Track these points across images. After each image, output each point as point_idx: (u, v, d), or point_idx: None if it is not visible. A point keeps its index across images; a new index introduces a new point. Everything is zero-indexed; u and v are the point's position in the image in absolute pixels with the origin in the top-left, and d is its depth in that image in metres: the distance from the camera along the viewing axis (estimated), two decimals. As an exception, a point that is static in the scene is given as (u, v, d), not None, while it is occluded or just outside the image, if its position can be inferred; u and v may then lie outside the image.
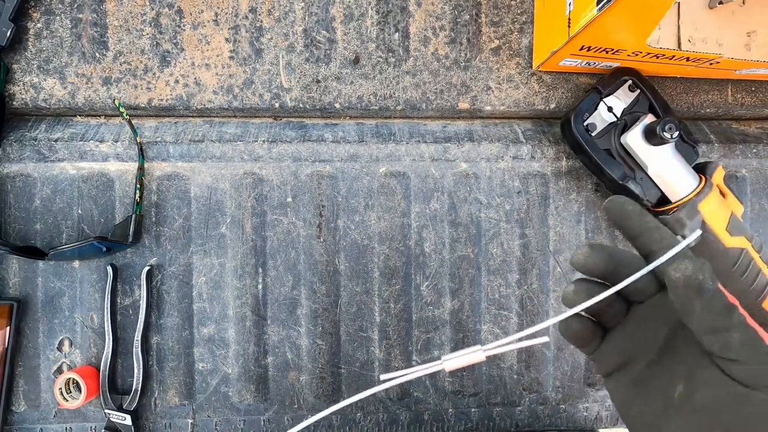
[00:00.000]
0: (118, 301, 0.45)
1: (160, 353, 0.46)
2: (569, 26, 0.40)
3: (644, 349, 0.28)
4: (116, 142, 0.45)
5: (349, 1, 0.46)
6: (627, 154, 0.45)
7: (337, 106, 0.47)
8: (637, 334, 0.28)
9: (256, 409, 0.46)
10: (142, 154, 0.44)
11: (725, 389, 0.24)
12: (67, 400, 0.43)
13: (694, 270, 0.23)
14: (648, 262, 0.26)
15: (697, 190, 0.43)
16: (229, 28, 0.46)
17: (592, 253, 0.27)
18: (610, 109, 0.45)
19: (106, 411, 0.44)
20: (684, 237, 0.43)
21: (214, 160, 0.46)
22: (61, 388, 0.43)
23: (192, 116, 0.48)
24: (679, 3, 0.45)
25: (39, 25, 0.44)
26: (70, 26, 0.45)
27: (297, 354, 0.47)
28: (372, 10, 0.47)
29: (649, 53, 0.41)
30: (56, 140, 0.45)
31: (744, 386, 0.24)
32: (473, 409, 0.48)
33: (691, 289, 0.24)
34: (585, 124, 0.45)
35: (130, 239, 0.43)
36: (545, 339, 0.26)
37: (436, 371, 0.26)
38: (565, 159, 0.49)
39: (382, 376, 0.26)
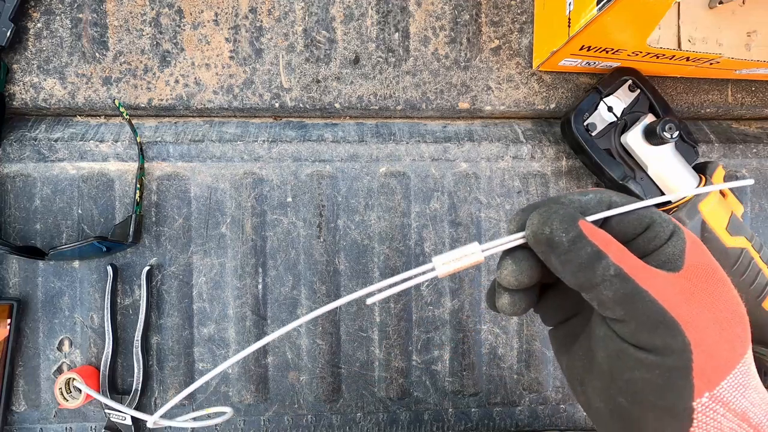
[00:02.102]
0: (118, 301, 0.45)
1: (160, 353, 0.46)
2: (569, 26, 0.40)
3: (580, 305, 0.26)
4: (116, 142, 0.45)
5: (349, 1, 0.46)
6: (627, 154, 0.45)
7: (337, 106, 0.47)
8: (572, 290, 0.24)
9: (256, 409, 0.46)
10: (142, 154, 0.44)
11: (617, 349, 0.22)
12: (67, 400, 0.43)
13: (540, 224, 0.21)
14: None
15: (697, 190, 0.43)
16: (229, 28, 0.46)
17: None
18: (610, 108, 0.45)
19: (106, 411, 0.44)
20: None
21: (214, 160, 0.46)
22: (61, 388, 0.43)
23: (192, 116, 0.48)
24: (679, 3, 0.45)
25: (39, 25, 0.44)
26: (70, 26, 0.45)
27: (297, 354, 0.47)
28: (372, 10, 0.47)
29: (649, 53, 0.41)
30: (56, 140, 0.45)
31: (633, 346, 0.21)
32: (473, 409, 0.48)
33: (541, 245, 0.22)
34: (585, 123, 0.45)
35: (130, 239, 0.43)
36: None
37: (430, 278, 0.23)
38: (565, 159, 0.49)
39: (369, 301, 0.23)
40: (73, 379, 0.43)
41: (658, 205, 0.44)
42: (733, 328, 0.21)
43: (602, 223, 0.24)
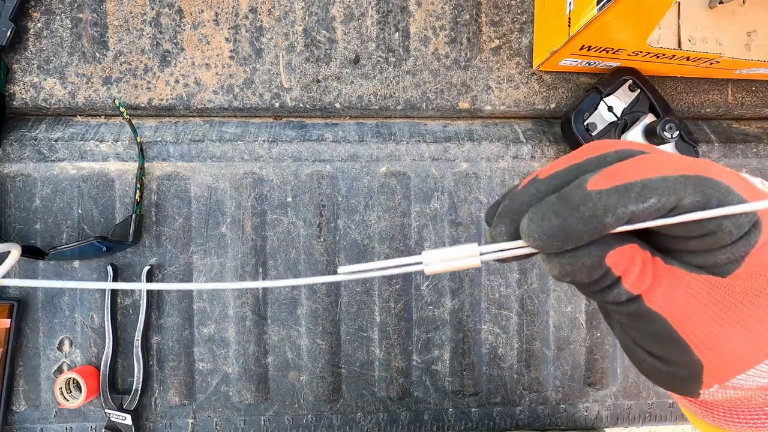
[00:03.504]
0: (119, 300, 0.45)
1: (161, 353, 0.46)
2: (569, 26, 0.40)
3: None
4: (116, 141, 0.45)
5: (349, 1, 0.46)
6: (627, 153, 0.45)
7: (338, 105, 0.47)
8: None
9: (256, 408, 0.46)
10: (142, 154, 0.44)
11: (628, 343, 0.22)
12: (67, 400, 0.43)
13: (562, 275, 0.19)
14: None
15: (698, 190, 0.43)
16: (229, 28, 0.46)
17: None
18: (610, 108, 0.45)
19: (107, 411, 0.44)
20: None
21: (214, 160, 0.46)
22: (61, 388, 0.43)
23: (192, 116, 0.48)
24: (679, 3, 0.45)
25: (39, 24, 0.44)
26: (70, 26, 0.45)
27: (297, 354, 0.47)
28: (372, 9, 0.47)
29: (649, 53, 0.41)
30: (56, 140, 0.45)
31: (641, 348, 0.21)
32: (473, 409, 0.48)
33: (561, 279, 0.20)
34: (585, 123, 0.45)
35: (130, 239, 0.43)
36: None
37: (416, 271, 0.22)
38: (565, 159, 0.48)
39: (340, 269, 0.21)
40: (74, 378, 0.43)
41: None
42: None
43: None
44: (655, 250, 0.20)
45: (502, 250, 0.20)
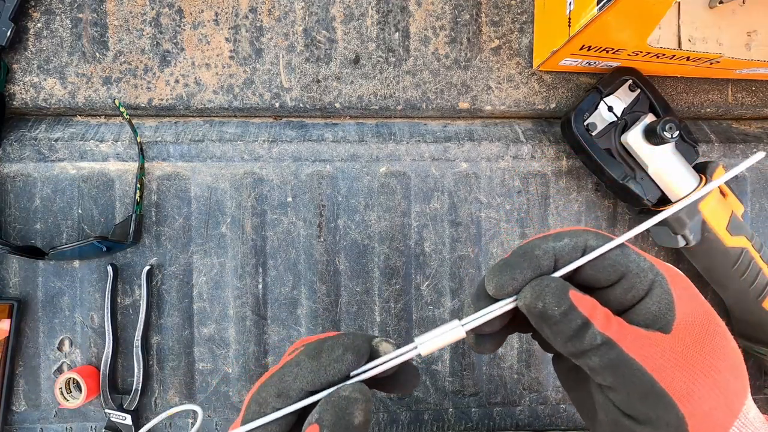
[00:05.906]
0: (119, 300, 0.45)
1: (161, 353, 0.46)
2: (569, 26, 0.40)
3: None
4: (116, 141, 0.45)
5: (350, 1, 0.46)
6: (627, 153, 0.45)
7: (338, 105, 0.47)
8: None
9: (256, 408, 0.46)
10: (142, 154, 0.44)
11: (613, 418, 0.22)
12: (67, 400, 0.43)
13: (533, 298, 0.22)
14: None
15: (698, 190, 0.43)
16: (229, 28, 0.46)
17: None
18: (610, 108, 0.45)
19: (107, 410, 0.44)
20: (684, 237, 0.43)
21: (215, 160, 0.46)
22: (61, 388, 0.43)
23: (192, 116, 0.48)
24: (679, 2, 0.45)
25: (39, 24, 0.44)
26: (70, 26, 0.45)
27: (297, 354, 0.47)
28: (372, 9, 0.47)
29: (649, 53, 0.41)
30: (56, 140, 0.45)
31: (629, 417, 0.21)
32: (473, 409, 0.48)
33: (534, 317, 0.22)
34: (585, 123, 0.44)
35: (130, 239, 0.43)
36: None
37: (412, 356, 0.25)
38: (565, 158, 0.49)
39: (352, 373, 0.24)
40: (74, 378, 0.43)
41: (657, 209, 0.44)
42: (731, 386, 0.21)
43: (576, 270, 0.23)
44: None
45: (478, 317, 0.24)
